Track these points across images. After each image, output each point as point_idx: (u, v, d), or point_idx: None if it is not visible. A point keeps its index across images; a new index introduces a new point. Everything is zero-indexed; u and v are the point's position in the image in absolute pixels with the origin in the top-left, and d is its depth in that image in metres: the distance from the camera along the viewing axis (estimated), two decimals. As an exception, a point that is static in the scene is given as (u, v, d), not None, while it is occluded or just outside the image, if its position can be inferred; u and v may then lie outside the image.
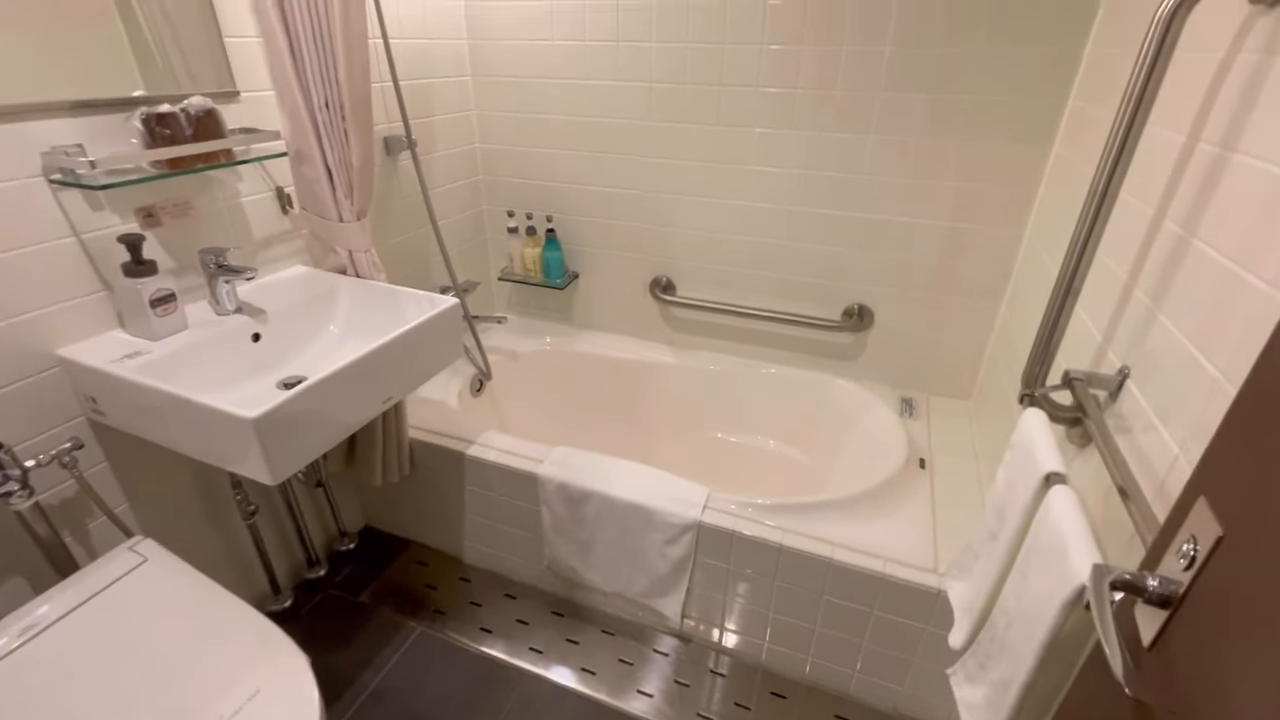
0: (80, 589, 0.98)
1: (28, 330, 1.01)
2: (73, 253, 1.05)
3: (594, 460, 1.48)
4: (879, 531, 1.30)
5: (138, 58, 1.09)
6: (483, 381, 1.96)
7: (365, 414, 1.16)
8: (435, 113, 1.78)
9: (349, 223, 1.35)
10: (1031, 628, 0.71)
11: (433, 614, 1.59)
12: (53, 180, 1.00)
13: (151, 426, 1.04)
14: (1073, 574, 0.65)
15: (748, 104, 1.62)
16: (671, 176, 1.78)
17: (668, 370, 1.99)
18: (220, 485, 1.38)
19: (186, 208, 1.20)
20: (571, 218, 1.97)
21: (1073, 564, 0.66)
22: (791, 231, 1.73)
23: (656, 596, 1.47)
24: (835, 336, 1.82)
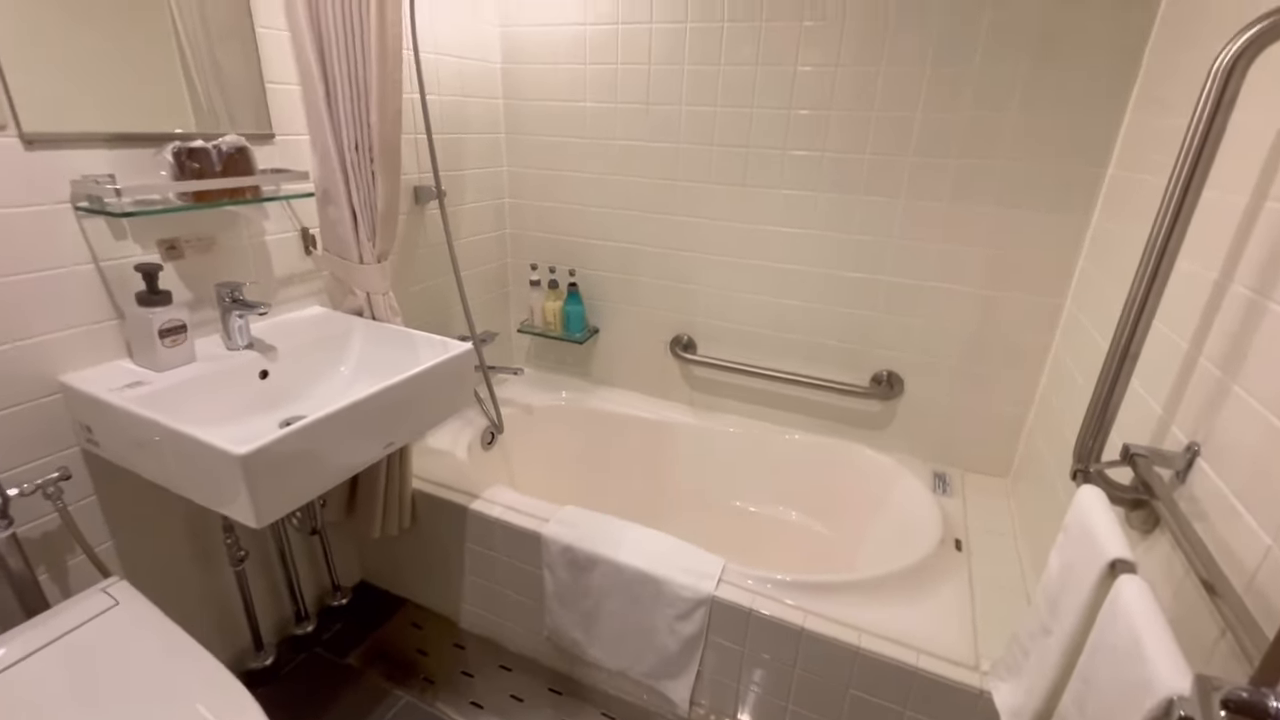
0: (44, 630, 0.91)
1: (32, 354, 0.99)
2: (89, 279, 1.04)
3: (603, 523, 1.39)
4: (912, 618, 1.18)
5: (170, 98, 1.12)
6: (494, 434, 1.90)
7: (364, 458, 1.10)
8: (467, 166, 1.82)
9: (369, 265, 1.34)
10: (1103, 746, 0.60)
11: (422, 682, 1.47)
12: (78, 207, 1.00)
13: (143, 460, 0.99)
14: (1155, 682, 0.55)
15: (775, 166, 1.62)
16: (696, 236, 1.77)
17: (686, 431, 1.91)
18: (211, 528, 1.32)
19: (210, 242, 1.21)
20: (594, 273, 1.96)
21: (1154, 670, 0.55)
22: (817, 294, 1.68)
23: (664, 678, 1.34)
24: (863, 404, 1.73)
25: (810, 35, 1.49)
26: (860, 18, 1.43)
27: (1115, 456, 0.86)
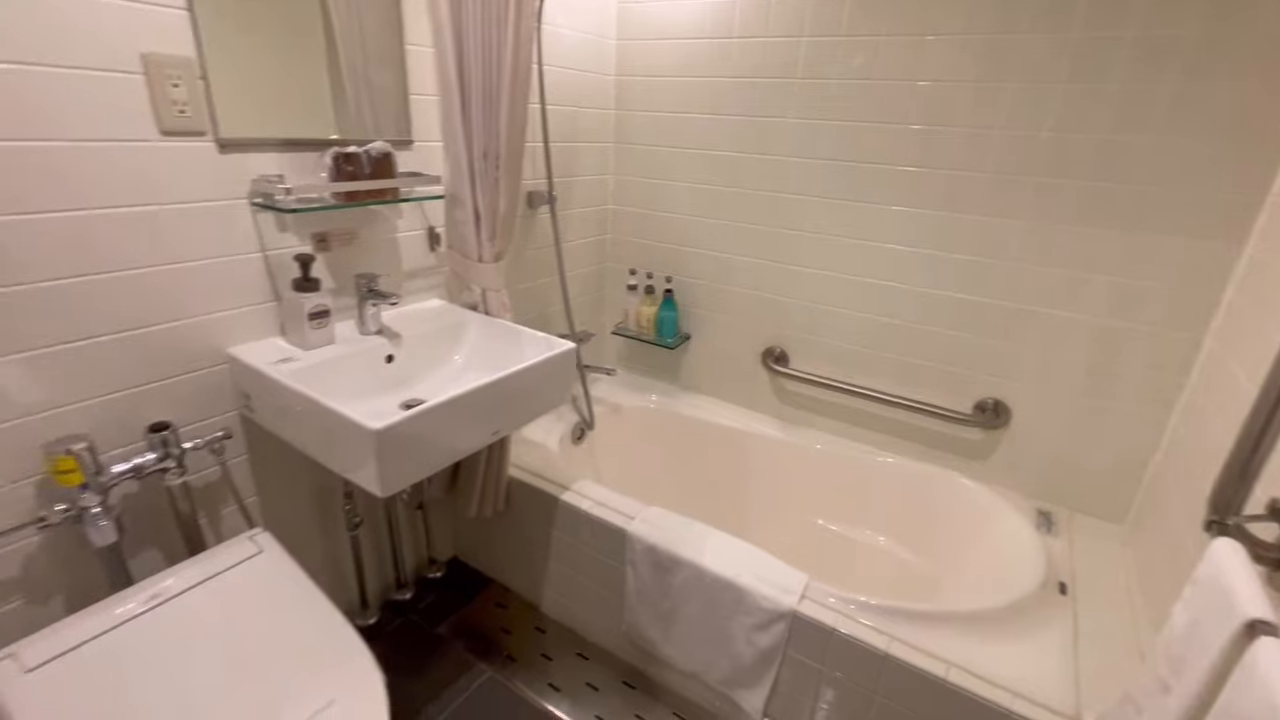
0: (202, 568, 1.05)
1: (211, 328, 1.15)
2: (256, 266, 1.19)
3: (688, 526, 1.41)
4: (1007, 659, 1.12)
5: (327, 108, 1.25)
6: (584, 430, 1.97)
7: (474, 443, 1.19)
8: (576, 174, 1.90)
9: (487, 263, 1.44)
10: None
11: (504, 659, 1.55)
12: (254, 203, 1.15)
13: (290, 427, 1.13)
14: (1294, 755, 0.51)
15: (885, 181, 1.59)
16: (797, 248, 1.77)
17: (772, 445, 1.90)
18: (334, 494, 1.46)
19: (352, 237, 1.34)
20: (690, 280, 1.99)
21: (1294, 742, 0.51)
22: (922, 314, 1.63)
23: (738, 687, 1.35)
24: (963, 431, 1.66)
25: (931, 48, 1.45)
26: (988, 31, 1.38)
27: (1260, 510, 0.79)
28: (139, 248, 1.02)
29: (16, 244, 0.90)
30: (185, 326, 1.11)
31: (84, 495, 0.99)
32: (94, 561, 1.07)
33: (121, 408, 1.06)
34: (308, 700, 0.90)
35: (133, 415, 1.07)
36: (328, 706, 0.90)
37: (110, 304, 1.01)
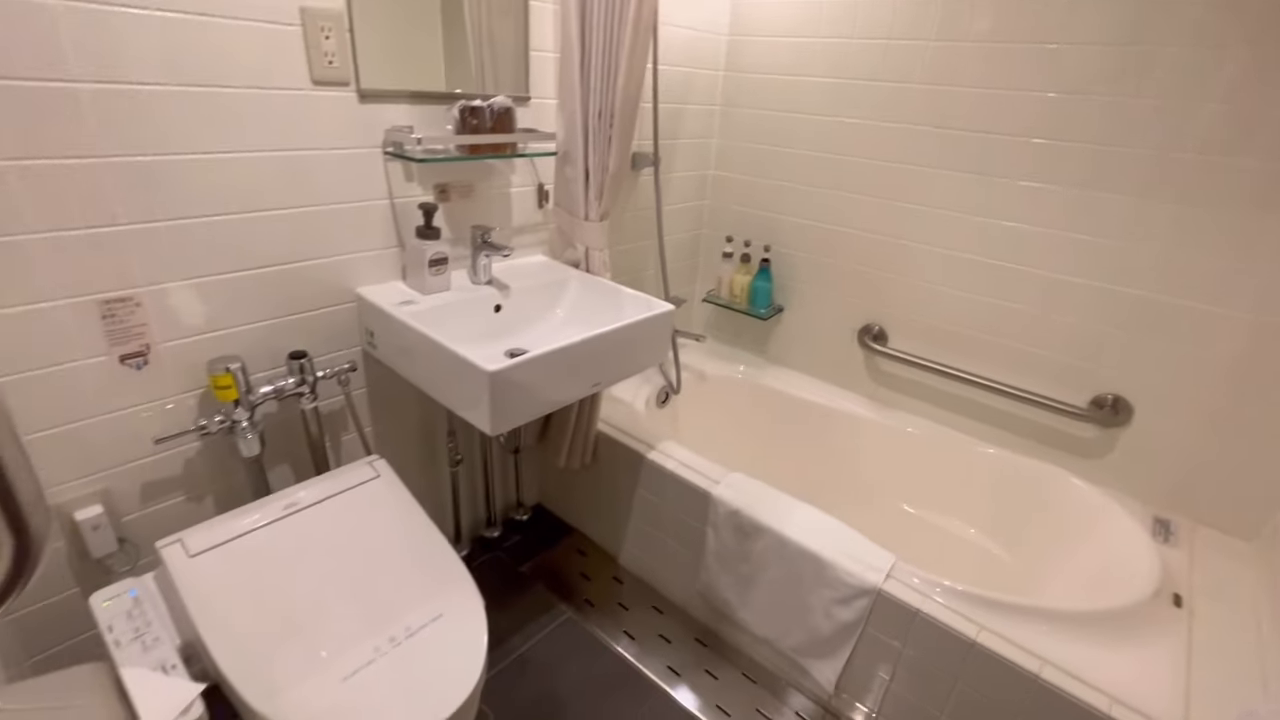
0: (329, 485, 1.16)
1: (343, 268, 1.24)
2: (384, 213, 1.27)
3: (773, 495, 1.42)
4: (1107, 663, 1.07)
5: (450, 62, 1.29)
6: (668, 395, 1.99)
7: (574, 393, 1.23)
8: (680, 136, 1.89)
9: (592, 222, 1.46)
10: None
11: (583, 603, 1.63)
12: (386, 152, 1.22)
13: (408, 364, 1.21)
14: None
15: (1014, 154, 1.48)
16: (909, 222, 1.68)
17: (861, 424, 1.86)
18: (437, 433, 1.57)
19: (470, 189, 1.40)
20: (789, 251, 1.95)
21: None
22: (1042, 299, 1.53)
23: (811, 657, 1.36)
24: (1076, 427, 1.56)
25: (1076, 7, 1.32)
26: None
27: None
28: (288, 190, 1.11)
29: (187, 181, 1.00)
30: (322, 265, 1.21)
31: (236, 410, 1.11)
32: (240, 470, 1.21)
33: (267, 335, 1.17)
34: (419, 611, 0.99)
35: (276, 343, 1.19)
36: (437, 619, 0.98)
37: (262, 240, 1.11)
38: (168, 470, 1.12)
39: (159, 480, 1.12)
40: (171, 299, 1.03)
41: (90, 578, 1.08)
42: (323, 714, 0.83)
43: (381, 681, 0.88)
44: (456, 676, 0.91)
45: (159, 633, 0.91)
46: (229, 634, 0.90)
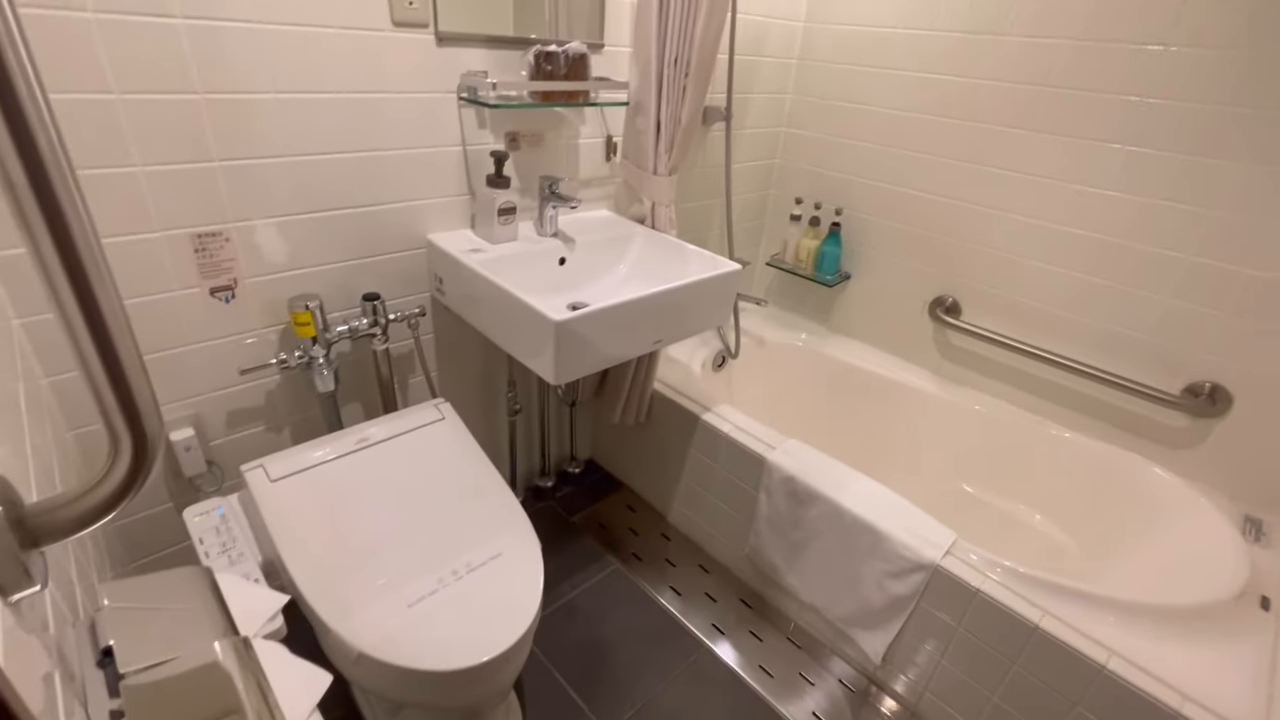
0: (398, 424, 1.20)
1: (415, 213, 1.26)
2: (456, 160, 1.27)
3: (831, 464, 1.39)
4: (1182, 661, 1.02)
5: (524, 6, 1.25)
6: (725, 359, 1.97)
7: (636, 349, 1.23)
8: (754, 90, 1.81)
9: (660, 176, 1.43)
10: None
11: (630, 556, 1.66)
12: (461, 97, 1.22)
13: (475, 312, 1.23)
14: None
15: (1121, 115, 1.35)
16: (993, 188, 1.58)
17: (926, 399, 1.79)
18: (498, 382, 1.60)
19: (539, 138, 1.39)
20: (862, 215, 1.87)
21: None
22: (1138, 275, 1.42)
23: (860, 628, 1.35)
24: (1164, 414, 1.46)
25: (1225, -51, 1.18)
26: (1315, -75, 1.10)
27: None
28: (366, 133, 1.13)
29: (272, 121, 1.02)
30: (395, 210, 1.23)
31: (314, 347, 1.15)
32: (315, 405, 1.27)
33: (343, 276, 1.21)
34: (479, 549, 1.02)
35: (351, 285, 1.22)
36: (496, 557, 1.02)
37: (340, 182, 1.13)
38: (250, 401, 1.19)
39: (242, 409, 1.18)
40: (257, 236, 1.07)
41: (182, 495, 1.16)
42: (390, 636, 0.88)
43: (444, 611, 0.93)
44: (513, 613, 0.94)
45: (243, 549, 0.98)
46: (306, 555, 0.96)
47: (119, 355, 0.40)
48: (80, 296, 0.37)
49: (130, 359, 0.41)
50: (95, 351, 0.39)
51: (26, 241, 0.35)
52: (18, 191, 0.33)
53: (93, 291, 0.38)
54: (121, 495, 0.43)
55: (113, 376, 0.40)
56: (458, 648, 0.88)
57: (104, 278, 0.38)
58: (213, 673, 0.52)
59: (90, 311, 0.38)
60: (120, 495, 0.43)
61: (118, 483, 0.43)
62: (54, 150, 0.34)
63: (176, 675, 0.51)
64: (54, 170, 0.34)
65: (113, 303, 0.39)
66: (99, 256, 0.37)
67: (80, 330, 0.38)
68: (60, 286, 0.37)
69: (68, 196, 0.35)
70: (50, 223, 0.35)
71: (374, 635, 0.87)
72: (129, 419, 0.42)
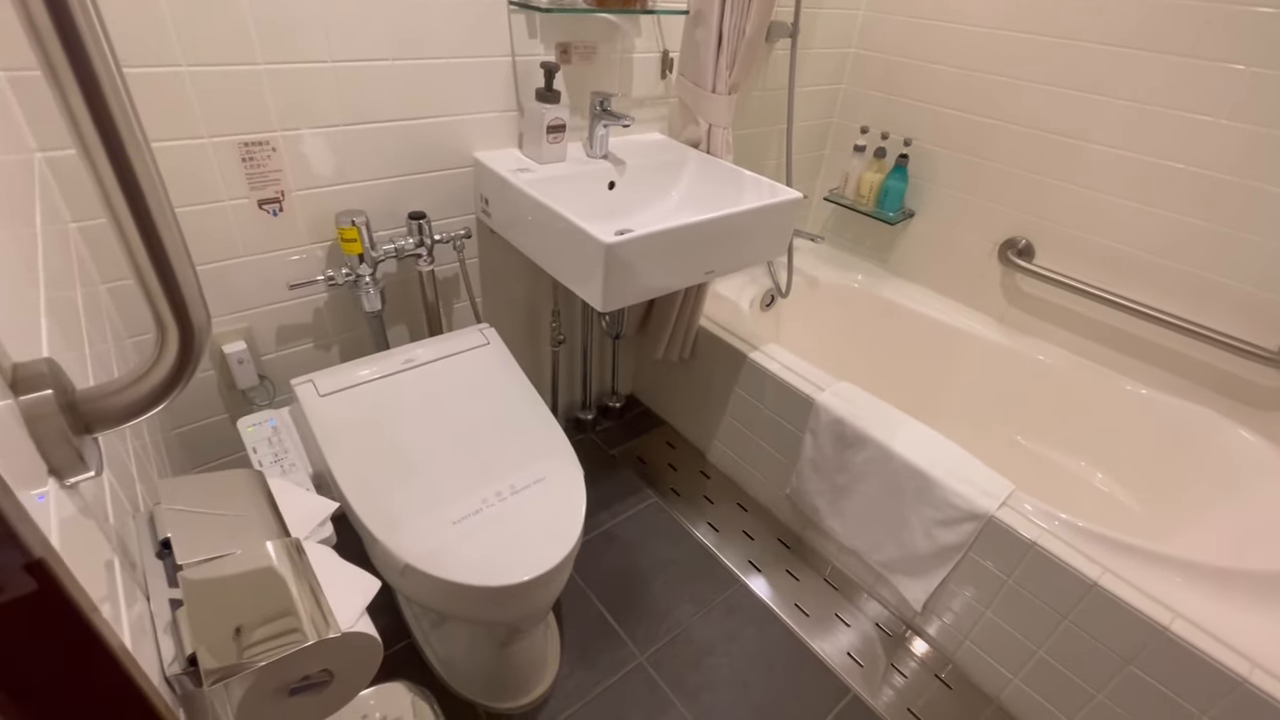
0: (444, 346, 1.19)
1: (461, 129, 1.21)
2: (505, 71, 1.20)
3: (882, 408, 1.34)
4: (1254, 628, 0.96)
5: None
6: (775, 297, 1.90)
7: (687, 278, 1.18)
8: (824, 4, 1.66)
9: (720, 95, 1.34)
10: None
11: (668, 490, 1.66)
12: (512, 2, 1.14)
13: (521, 234, 1.19)
14: None
15: (1246, 29, 1.19)
16: (1083, 116, 1.43)
17: (987, 347, 1.70)
18: (542, 311, 1.57)
19: (591, 51, 1.30)
20: (932, 148, 1.73)
21: None
22: (1242, 216, 1.28)
23: (902, 574, 1.32)
24: (1259, 372, 1.34)
25: None
26: None
27: None
28: (412, 38, 1.07)
29: (316, 22, 0.97)
30: (442, 124, 1.18)
31: (360, 265, 1.14)
32: (362, 324, 1.26)
33: (390, 193, 1.18)
34: (523, 473, 1.02)
35: (397, 202, 1.19)
36: (540, 481, 1.01)
37: (386, 93, 1.08)
38: (299, 317, 1.19)
39: (292, 325, 1.19)
40: (304, 146, 1.04)
41: (236, 406, 1.19)
42: (435, 550, 0.89)
43: (488, 530, 0.93)
44: (556, 536, 0.94)
45: (294, 460, 1.00)
46: (354, 469, 0.97)
47: (164, 244, 0.38)
48: (124, 183, 0.35)
49: (176, 249, 0.38)
50: (141, 240, 0.37)
51: (68, 124, 0.32)
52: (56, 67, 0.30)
53: (135, 177, 0.35)
54: (170, 385, 0.42)
55: (158, 265, 0.38)
56: (501, 566, 0.88)
57: (147, 163, 0.35)
58: (268, 573, 0.53)
59: (134, 198, 0.36)
60: (169, 385, 0.42)
61: (166, 372, 0.42)
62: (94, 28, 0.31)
63: (233, 574, 0.52)
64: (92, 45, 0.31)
65: (157, 190, 0.36)
66: (141, 139, 0.35)
67: (125, 218, 0.36)
68: (104, 173, 0.34)
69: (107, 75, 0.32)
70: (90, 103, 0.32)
71: (420, 549, 0.89)
72: (175, 308, 0.40)
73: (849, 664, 1.30)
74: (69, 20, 0.30)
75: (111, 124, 0.33)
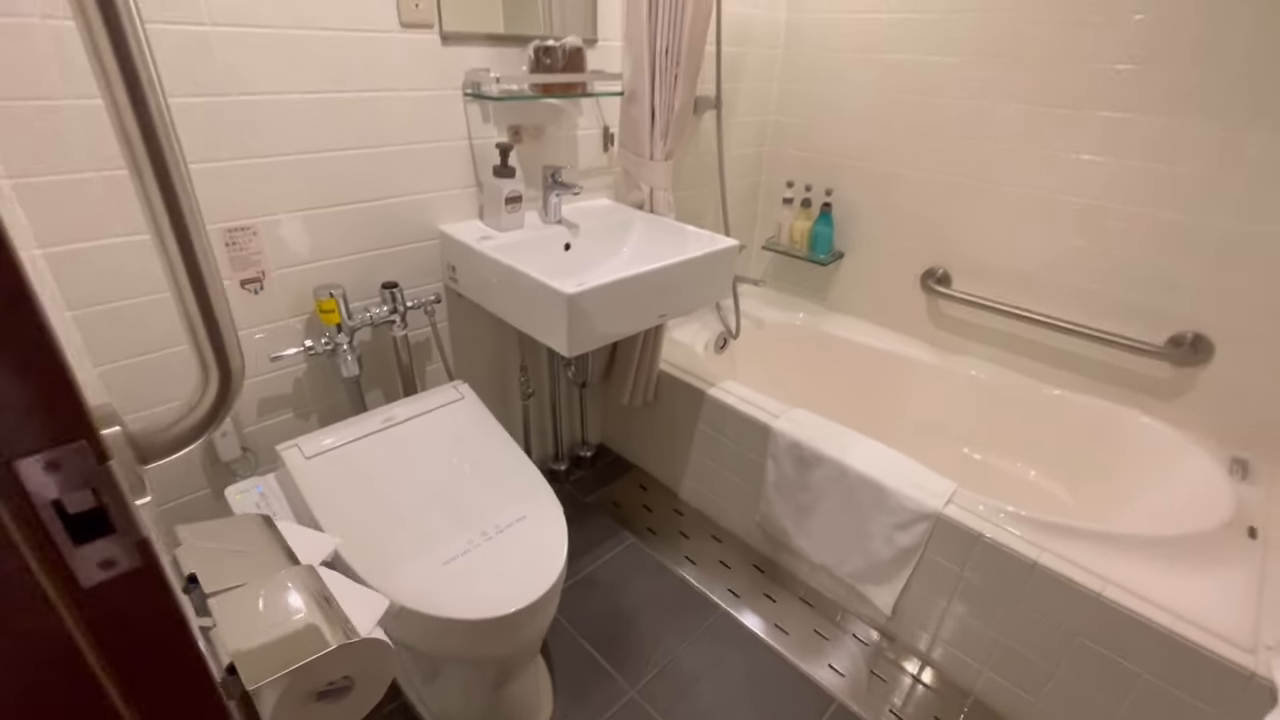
0: (421, 404, 1.26)
1: (426, 205, 1.32)
2: (463, 153, 1.34)
3: (834, 428, 1.45)
4: (1174, 587, 1.08)
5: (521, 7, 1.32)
6: (727, 340, 2.04)
7: (643, 322, 1.29)
8: (742, 80, 1.89)
9: (658, 161, 1.50)
10: None
11: (645, 531, 1.72)
12: (466, 93, 1.29)
13: (488, 296, 1.29)
14: None
15: (1094, 82, 1.43)
16: (977, 160, 1.65)
17: (923, 369, 1.86)
18: (510, 367, 1.66)
19: (540, 131, 1.46)
20: (851, 195, 1.94)
21: None
22: (1118, 236, 1.49)
23: (869, 582, 1.41)
24: (1150, 366, 1.52)
25: (1179, -80, 1.26)
26: (1261, -108, 1.17)
27: None
28: (379, 129, 1.19)
29: (287, 120, 1.09)
30: (408, 202, 1.29)
31: (338, 334, 1.21)
32: (340, 391, 1.33)
33: (363, 267, 1.27)
34: (505, 513, 1.08)
35: (370, 275, 1.29)
36: (522, 519, 1.08)
37: (354, 177, 1.20)
38: (280, 388, 1.25)
39: (272, 396, 1.24)
40: (282, 229, 1.14)
41: (219, 479, 1.22)
42: (427, 591, 0.94)
43: (476, 568, 0.99)
44: (541, 567, 1.00)
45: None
46: (344, 524, 1.02)
47: (211, 301, 0.47)
48: (186, 260, 0.44)
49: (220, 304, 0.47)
50: (194, 299, 0.46)
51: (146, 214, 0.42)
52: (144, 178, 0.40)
53: (194, 249, 0.44)
54: (211, 419, 0.50)
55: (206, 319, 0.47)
56: (491, 599, 0.94)
57: (205, 243, 0.45)
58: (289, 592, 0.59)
59: (191, 267, 0.45)
60: (210, 419, 0.50)
61: (208, 408, 0.49)
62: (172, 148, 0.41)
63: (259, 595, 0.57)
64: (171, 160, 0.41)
65: (210, 260, 0.46)
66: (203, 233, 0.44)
67: (184, 283, 0.45)
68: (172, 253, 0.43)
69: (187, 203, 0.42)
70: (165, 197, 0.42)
71: (412, 590, 0.93)
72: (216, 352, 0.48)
73: (831, 675, 1.35)
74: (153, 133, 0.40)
75: (179, 211, 0.43)
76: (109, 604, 0.35)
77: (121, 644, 0.36)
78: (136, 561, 0.35)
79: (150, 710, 0.39)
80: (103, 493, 0.33)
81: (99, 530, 0.34)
